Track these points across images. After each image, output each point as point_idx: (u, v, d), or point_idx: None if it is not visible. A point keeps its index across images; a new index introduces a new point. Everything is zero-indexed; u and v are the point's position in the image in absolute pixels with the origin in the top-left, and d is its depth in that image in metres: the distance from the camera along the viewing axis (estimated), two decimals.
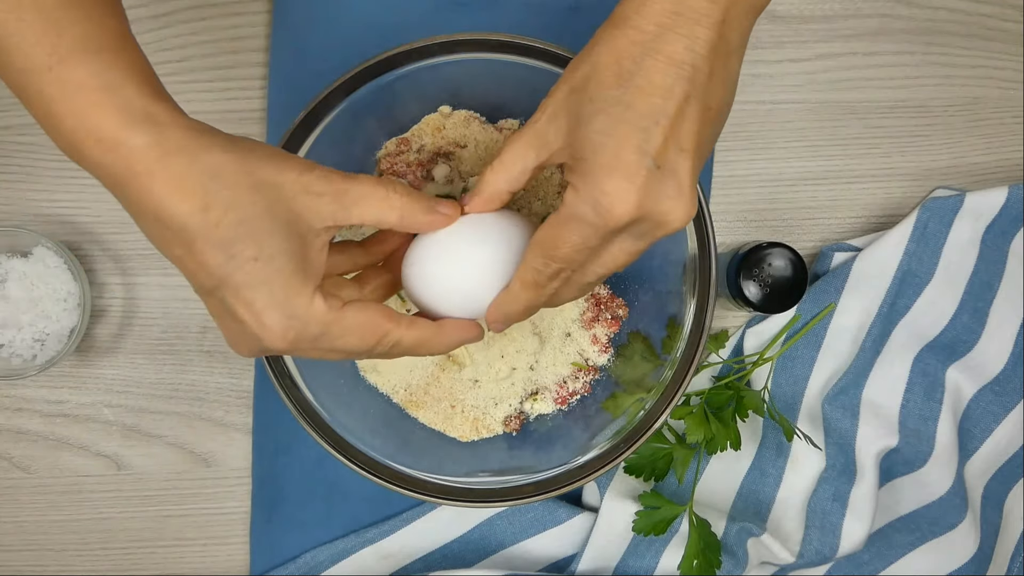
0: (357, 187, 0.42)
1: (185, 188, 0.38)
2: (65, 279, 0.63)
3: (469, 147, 0.62)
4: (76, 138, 0.38)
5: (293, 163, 0.41)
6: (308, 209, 0.41)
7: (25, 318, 0.62)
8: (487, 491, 0.56)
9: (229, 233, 0.38)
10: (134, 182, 0.38)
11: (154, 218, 0.38)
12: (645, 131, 0.39)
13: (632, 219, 0.40)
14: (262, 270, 0.39)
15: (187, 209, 0.38)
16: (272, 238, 0.40)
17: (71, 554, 0.67)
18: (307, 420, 0.55)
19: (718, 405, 0.63)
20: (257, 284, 0.39)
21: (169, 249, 0.40)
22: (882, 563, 0.66)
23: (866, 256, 0.66)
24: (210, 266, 0.39)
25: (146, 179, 0.37)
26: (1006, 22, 0.69)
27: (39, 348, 0.63)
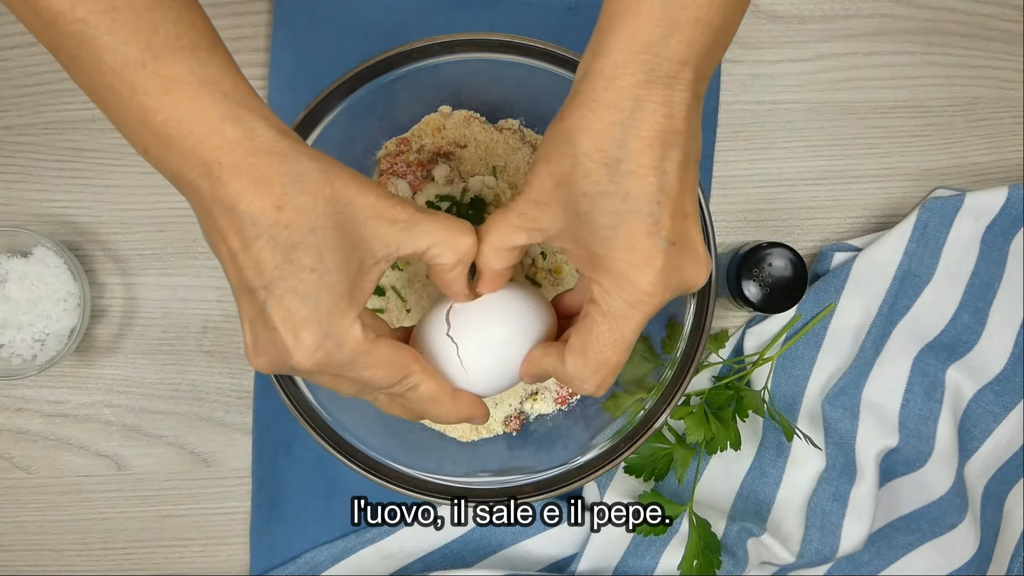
0: (431, 220, 0.42)
1: (266, 185, 0.38)
2: (65, 279, 0.63)
3: (469, 147, 0.62)
4: (169, 129, 0.37)
5: (373, 187, 0.41)
6: (376, 236, 0.41)
7: (25, 318, 0.62)
8: (487, 491, 0.56)
9: (295, 237, 0.38)
10: (218, 172, 0.37)
11: (225, 209, 0.38)
12: (651, 215, 0.39)
13: (665, 299, 0.41)
14: (315, 282, 0.39)
15: (263, 205, 0.37)
16: (334, 254, 0.39)
17: (71, 554, 0.67)
18: (307, 420, 0.55)
19: (718, 405, 0.63)
20: (305, 295, 0.39)
21: (227, 242, 0.39)
22: (882, 563, 0.66)
23: (866, 256, 0.66)
24: (265, 265, 0.38)
25: (230, 171, 0.37)
26: (1006, 22, 0.69)
27: (39, 348, 0.63)
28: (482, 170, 0.62)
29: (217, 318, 0.67)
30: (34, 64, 0.66)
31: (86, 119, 0.66)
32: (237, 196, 0.37)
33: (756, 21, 0.68)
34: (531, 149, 0.63)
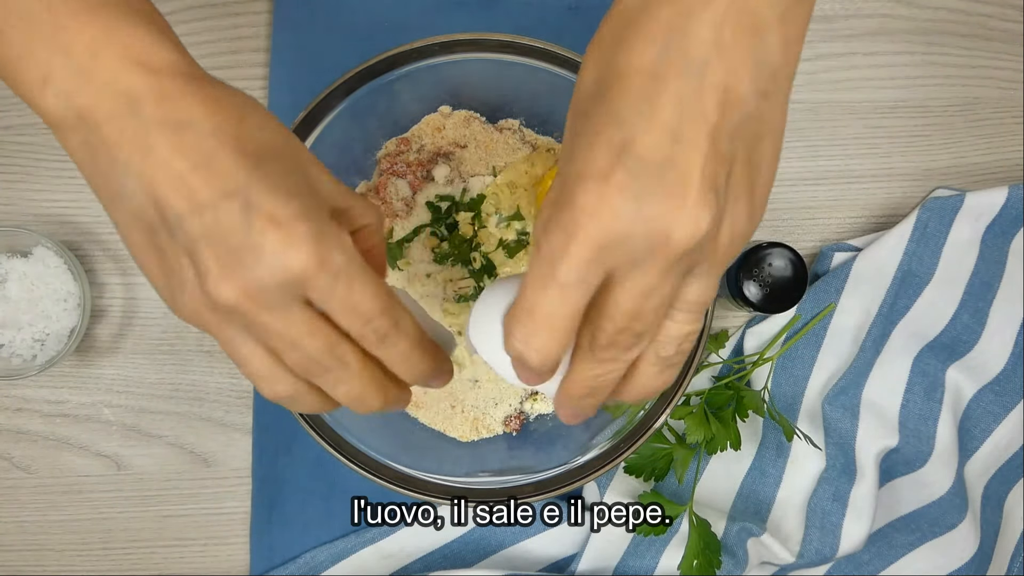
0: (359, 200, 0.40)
1: (223, 103, 0.35)
2: (65, 279, 0.63)
3: (469, 147, 0.62)
4: (96, 47, 0.34)
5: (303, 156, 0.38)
6: (320, 179, 0.38)
7: (25, 318, 0.62)
8: (487, 491, 0.56)
9: (264, 147, 0.35)
10: (168, 90, 0.34)
11: (176, 127, 0.34)
12: (618, 119, 0.32)
13: (613, 237, 0.31)
14: (297, 184, 0.35)
15: (225, 117, 0.35)
16: (310, 168, 0.37)
17: (71, 554, 0.67)
18: (307, 420, 0.55)
19: (718, 405, 0.63)
20: (290, 193, 0.34)
21: (187, 157, 0.34)
22: (882, 563, 0.66)
23: (866, 256, 0.66)
24: (234, 172, 0.34)
25: (181, 90, 0.34)
26: (1006, 22, 0.69)
27: (39, 348, 0.63)
28: (482, 170, 0.62)
29: None
30: None
31: None
32: (192, 111, 0.34)
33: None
34: (531, 149, 0.63)
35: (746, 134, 0.33)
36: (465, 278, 0.62)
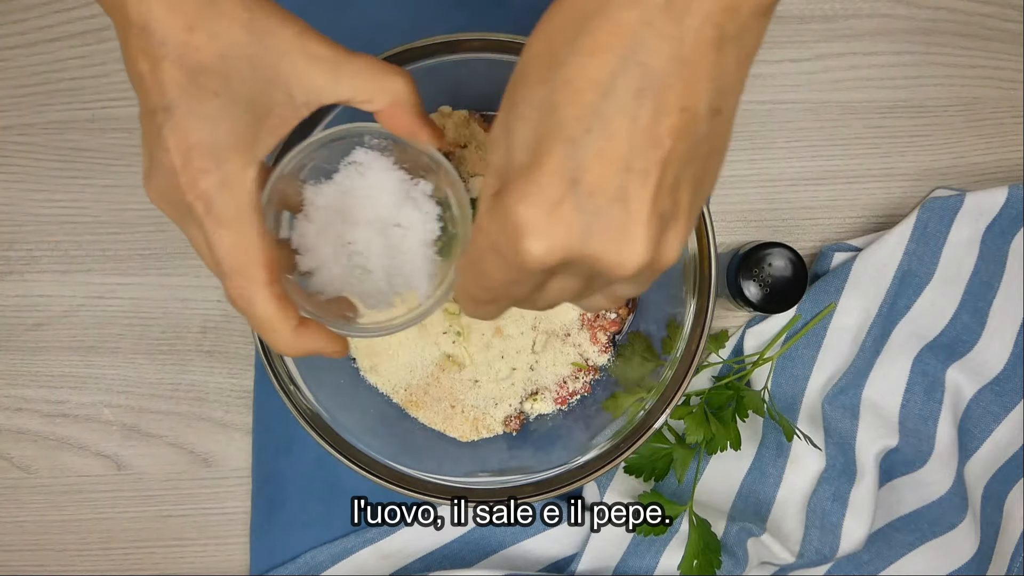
0: (359, 59, 0.40)
1: (180, 6, 0.36)
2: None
3: (469, 147, 0.62)
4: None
5: (298, 21, 0.39)
6: (295, 74, 0.38)
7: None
8: (487, 491, 0.56)
9: (204, 61, 0.37)
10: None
11: (139, 29, 0.36)
12: (571, 142, 0.30)
13: (557, 261, 0.31)
14: (218, 109, 0.37)
15: (173, 25, 0.36)
16: (244, 85, 0.37)
17: (71, 554, 0.67)
18: (307, 420, 0.55)
19: (718, 405, 0.63)
20: (204, 118, 0.37)
21: (136, 64, 0.37)
22: (882, 563, 0.66)
23: (866, 256, 0.66)
24: (169, 86, 0.36)
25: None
26: (1006, 22, 0.69)
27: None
28: (482, 170, 0.62)
29: (217, 318, 0.67)
30: (34, 64, 0.66)
31: (86, 119, 0.66)
32: (149, 15, 0.36)
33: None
34: None
35: (697, 156, 0.32)
36: None
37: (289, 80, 0.39)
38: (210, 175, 0.37)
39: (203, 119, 0.37)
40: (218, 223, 0.38)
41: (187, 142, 0.37)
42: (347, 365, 0.63)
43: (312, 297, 0.45)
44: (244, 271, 0.39)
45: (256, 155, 0.38)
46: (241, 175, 0.38)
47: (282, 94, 0.39)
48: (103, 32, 0.66)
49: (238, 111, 0.38)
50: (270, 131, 0.39)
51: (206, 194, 0.37)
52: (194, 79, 0.37)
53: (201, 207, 0.38)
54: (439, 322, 0.62)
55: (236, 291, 0.39)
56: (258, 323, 0.40)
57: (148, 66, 0.37)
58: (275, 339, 0.41)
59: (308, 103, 0.39)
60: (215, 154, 0.37)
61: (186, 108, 0.37)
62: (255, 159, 0.38)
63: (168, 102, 0.37)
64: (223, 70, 0.37)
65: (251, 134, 0.38)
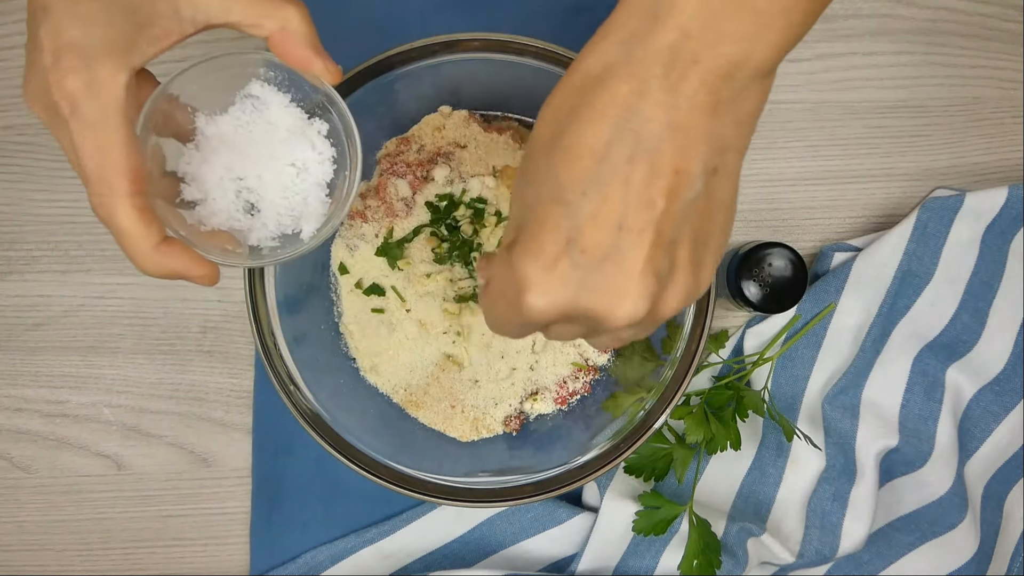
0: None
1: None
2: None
3: (469, 147, 0.62)
4: None
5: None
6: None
7: None
8: (487, 491, 0.56)
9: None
10: None
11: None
12: (568, 206, 0.32)
13: (556, 314, 0.34)
14: (94, 13, 0.37)
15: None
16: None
17: (71, 554, 0.67)
18: (307, 420, 0.55)
19: (718, 405, 0.63)
20: (79, 19, 0.37)
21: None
22: (882, 563, 0.66)
23: (866, 256, 0.66)
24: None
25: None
26: (1006, 22, 0.69)
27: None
28: (482, 170, 0.62)
29: (217, 318, 0.67)
30: None
31: None
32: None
33: None
34: None
35: (694, 214, 0.33)
36: (465, 278, 0.62)
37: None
38: (78, 75, 0.37)
39: (78, 19, 0.37)
40: (82, 124, 0.38)
41: (59, 42, 0.37)
42: (347, 365, 0.63)
43: (192, 227, 0.44)
44: (106, 177, 0.38)
45: (131, 62, 0.38)
46: (111, 80, 0.38)
47: (167, 7, 0.38)
48: None
49: (115, 15, 0.37)
50: (150, 41, 0.39)
51: (72, 94, 0.37)
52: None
53: (66, 107, 0.37)
54: (439, 322, 0.62)
55: (97, 199, 0.39)
56: (118, 235, 0.39)
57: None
58: (135, 254, 0.40)
59: (195, 20, 0.39)
60: (86, 55, 0.37)
61: (63, 8, 0.37)
62: (129, 65, 0.38)
63: (47, 2, 0.37)
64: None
65: (127, 41, 0.38)
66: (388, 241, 0.61)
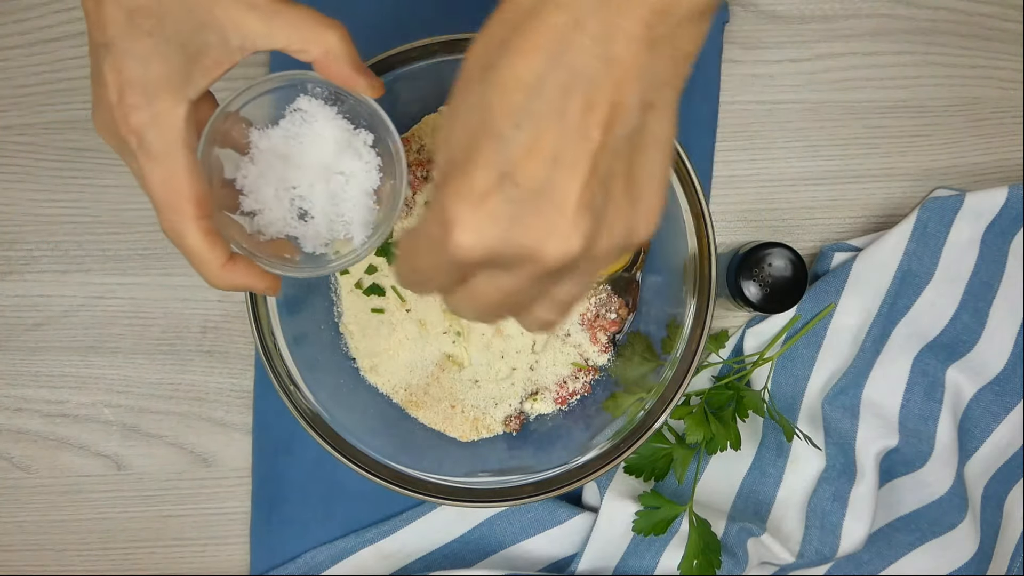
0: (294, 9, 0.41)
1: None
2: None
3: None
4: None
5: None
6: (230, 20, 0.40)
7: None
8: (487, 491, 0.56)
9: (140, 1, 0.39)
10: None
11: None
12: (501, 140, 0.32)
13: (484, 252, 0.32)
14: (151, 48, 0.39)
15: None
16: (178, 25, 0.39)
17: (71, 554, 0.67)
18: (307, 420, 0.55)
19: (718, 405, 0.63)
20: (138, 57, 0.39)
21: (86, 2, 0.40)
22: (882, 563, 0.66)
23: (866, 256, 0.66)
24: (108, 24, 0.39)
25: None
26: (1006, 22, 0.69)
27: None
28: None
29: (217, 318, 0.67)
30: (34, 64, 0.66)
31: (86, 119, 0.66)
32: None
33: (756, 21, 0.68)
34: None
35: (629, 148, 0.33)
36: None
37: (224, 25, 0.40)
38: (141, 111, 0.40)
39: (136, 57, 0.39)
40: (149, 157, 0.40)
41: (121, 79, 0.39)
42: (347, 365, 0.63)
43: (251, 237, 0.47)
44: (174, 204, 0.41)
45: (187, 94, 0.40)
46: (171, 112, 0.40)
47: (216, 37, 0.40)
48: None
49: (170, 51, 0.39)
50: (203, 72, 0.41)
51: (138, 129, 0.40)
52: (131, 18, 0.39)
53: (134, 141, 0.40)
54: (439, 322, 0.62)
55: (167, 224, 0.41)
56: (188, 256, 0.42)
57: (93, 4, 0.39)
58: (205, 272, 0.43)
59: (243, 48, 0.41)
60: (146, 91, 0.39)
61: (122, 46, 0.39)
62: (186, 98, 0.40)
63: (108, 39, 0.39)
64: (158, 11, 0.39)
65: (183, 74, 0.40)
66: (388, 241, 0.61)
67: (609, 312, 0.63)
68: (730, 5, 0.68)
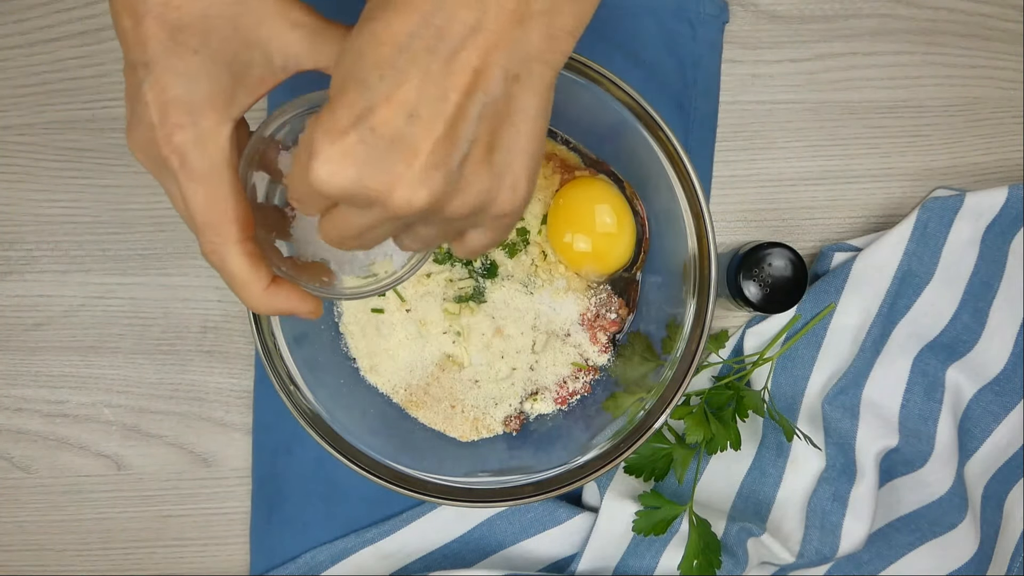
0: (338, 28, 0.40)
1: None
2: None
3: None
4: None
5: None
6: (275, 38, 0.39)
7: None
8: (487, 491, 0.56)
9: (185, 19, 0.38)
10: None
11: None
12: (365, 86, 0.33)
13: (339, 187, 0.34)
14: (196, 67, 0.38)
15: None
16: (224, 44, 0.38)
17: (71, 554, 0.67)
18: (307, 420, 0.55)
19: (718, 405, 0.63)
20: (183, 75, 0.38)
21: (121, 19, 0.38)
22: (882, 563, 0.66)
23: (866, 256, 0.66)
24: (150, 42, 0.38)
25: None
26: (1006, 22, 0.69)
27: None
28: None
29: (217, 318, 0.67)
30: (34, 64, 0.66)
31: (86, 119, 0.66)
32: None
33: (756, 21, 0.68)
34: None
35: (492, 115, 0.34)
36: (465, 278, 0.62)
37: (268, 43, 0.39)
38: (185, 130, 0.38)
39: (181, 76, 0.38)
40: (191, 178, 0.39)
41: (164, 97, 0.38)
42: (347, 365, 0.63)
43: (291, 260, 0.46)
44: (216, 227, 0.40)
45: (231, 113, 0.40)
46: (216, 132, 0.39)
47: (261, 56, 0.39)
48: (103, 32, 0.66)
49: (216, 69, 0.39)
50: (247, 91, 0.40)
51: (181, 149, 0.39)
52: (174, 36, 0.38)
53: (176, 161, 0.39)
54: (439, 322, 0.62)
55: (209, 247, 0.40)
56: (230, 279, 0.41)
57: (131, 22, 0.38)
58: (246, 296, 0.42)
59: (286, 67, 0.40)
60: (191, 110, 0.38)
61: (165, 64, 0.38)
62: (230, 117, 0.40)
63: (148, 58, 0.38)
64: (203, 28, 0.38)
65: (228, 93, 0.39)
66: None
67: (609, 312, 0.63)
68: (730, 5, 0.68)
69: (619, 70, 0.55)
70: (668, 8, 0.66)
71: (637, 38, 0.65)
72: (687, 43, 0.66)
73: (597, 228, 0.60)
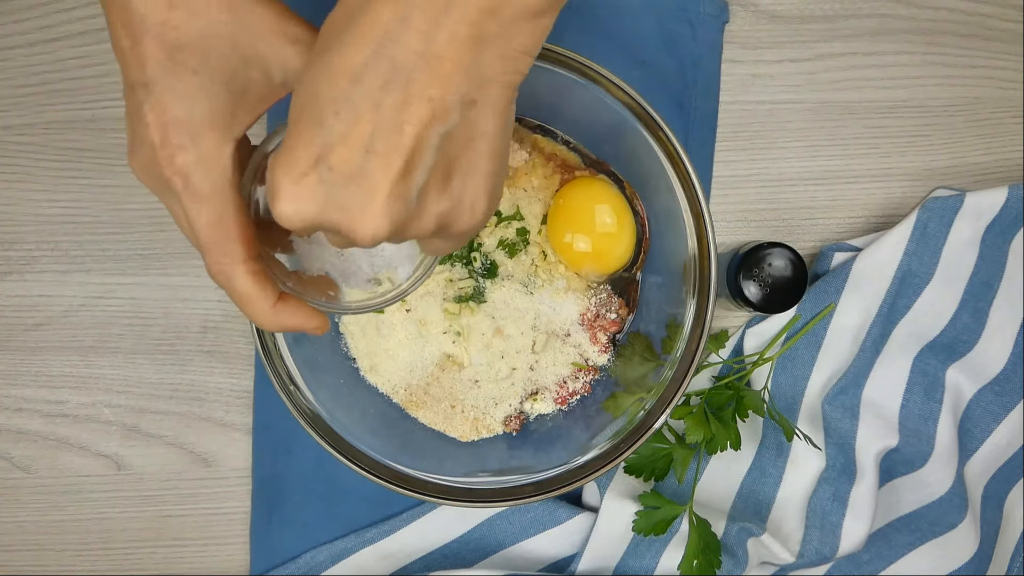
0: None
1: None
2: None
3: None
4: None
5: (275, 1, 0.39)
6: (274, 55, 0.39)
7: None
8: (487, 491, 0.56)
9: (183, 39, 0.37)
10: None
11: (121, 6, 0.37)
12: (320, 124, 0.34)
13: (306, 225, 0.35)
14: (196, 87, 0.38)
15: (154, 2, 0.37)
16: (223, 62, 0.38)
17: (71, 554, 0.67)
18: (307, 420, 0.55)
19: (718, 405, 0.63)
20: (182, 96, 0.38)
21: (120, 39, 0.38)
22: (882, 563, 0.66)
23: (866, 256, 0.66)
24: (149, 62, 0.37)
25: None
26: (1006, 22, 0.69)
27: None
28: None
29: (217, 318, 0.67)
30: (34, 64, 0.66)
31: (86, 119, 0.66)
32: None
33: (756, 21, 0.68)
34: (530, 149, 0.63)
35: (449, 143, 0.35)
36: (465, 278, 0.62)
37: (267, 60, 0.39)
38: (187, 151, 0.38)
39: (181, 96, 0.38)
40: (195, 198, 0.39)
41: (165, 118, 0.38)
42: (347, 365, 0.63)
43: (295, 274, 0.46)
44: (222, 246, 0.40)
45: (233, 133, 0.39)
46: (217, 152, 0.39)
47: (260, 73, 0.39)
48: (103, 32, 0.66)
49: (216, 88, 0.38)
50: (247, 109, 0.40)
51: (183, 170, 0.38)
52: (173, 56, 0.37)
53: (179, 182, 0.39)
54: (439, 322, 0.62)
55: (215, 267, 0.40)
56: (237, 298, 0.41)
57: (129, 42, 0.38)
58: (254, 314, 0.42)
59: (286, 83, 0.40)
60: (192, 131, 0.38)
61: (165, 85, 0.38)
62: (232, 137, 0.39)
63: (148, 78, 0.38)
64: (202, 48, 0.38)
65: (228, 112, 0.39)
66: None
67: (609, 312, 0.63)
68: (730, 5, 0.68)
69: (619, 70, 0.55)
70: (668, 8, 0.66)
71: (637, 38, 0.65)
72: (687, 43, 0.66)
73: (597, 228, 0.60)
